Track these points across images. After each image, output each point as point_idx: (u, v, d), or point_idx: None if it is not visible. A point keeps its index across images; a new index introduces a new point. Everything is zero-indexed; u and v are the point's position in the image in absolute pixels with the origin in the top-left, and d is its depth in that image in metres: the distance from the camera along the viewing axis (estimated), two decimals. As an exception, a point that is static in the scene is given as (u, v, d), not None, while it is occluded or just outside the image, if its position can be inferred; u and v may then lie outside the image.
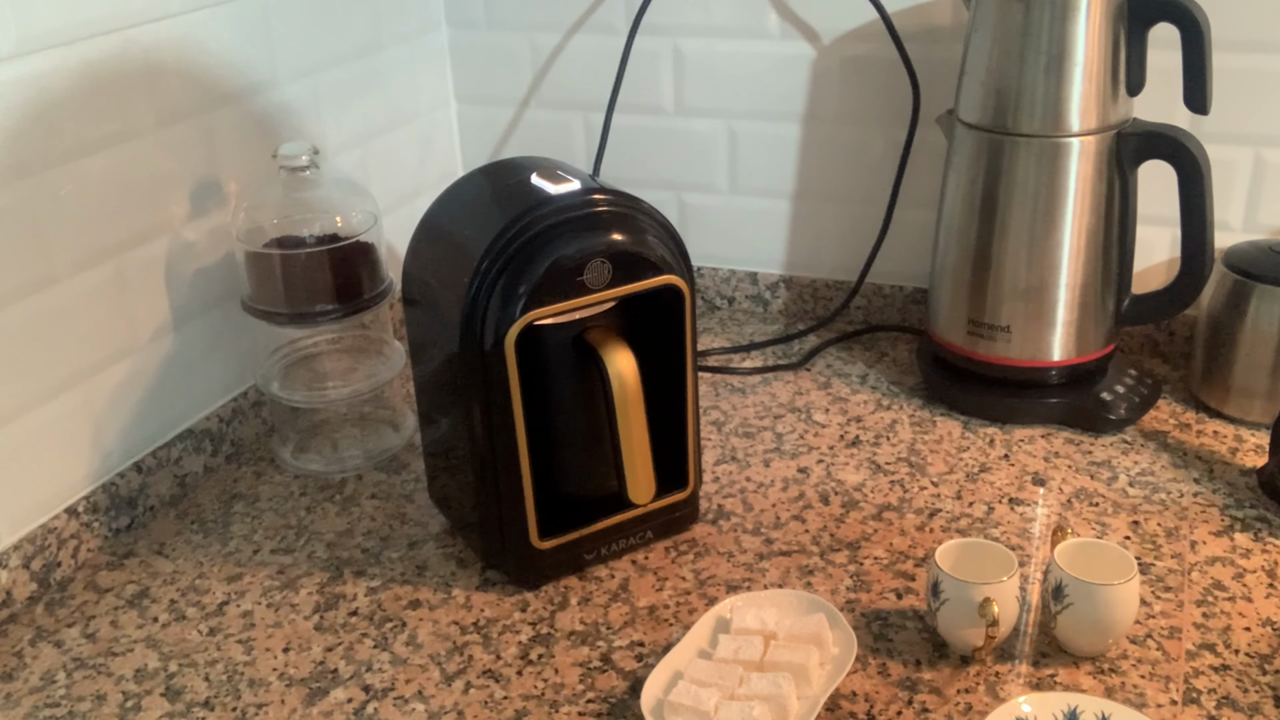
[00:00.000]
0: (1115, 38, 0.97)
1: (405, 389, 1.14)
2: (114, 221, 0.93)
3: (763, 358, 1.23)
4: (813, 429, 1.08)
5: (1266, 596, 0.84)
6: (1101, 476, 0.99)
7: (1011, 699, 0.74)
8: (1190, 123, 1.06)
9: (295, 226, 0.99)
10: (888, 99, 1.20)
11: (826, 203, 1.27)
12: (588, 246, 0.80)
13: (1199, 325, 1.08)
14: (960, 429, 1.07)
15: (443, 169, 1.37)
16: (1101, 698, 0.72)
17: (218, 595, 0.89)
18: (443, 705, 0.77)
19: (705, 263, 1.34)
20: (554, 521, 0.87)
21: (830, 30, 1.19)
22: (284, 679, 0.80)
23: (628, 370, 0.83)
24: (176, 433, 1.02)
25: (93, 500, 0.94)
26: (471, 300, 0.80)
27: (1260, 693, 0.75)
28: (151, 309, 0.99)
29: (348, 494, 1.02)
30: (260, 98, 1.07)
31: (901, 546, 0.91)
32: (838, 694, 0.76)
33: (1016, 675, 0.77)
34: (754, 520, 0.95)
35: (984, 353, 1.06)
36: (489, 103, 1.36)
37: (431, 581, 0.90)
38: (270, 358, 1.07)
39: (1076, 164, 0.99)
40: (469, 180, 0.90)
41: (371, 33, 1.21)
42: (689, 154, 1.30)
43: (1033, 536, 0.91)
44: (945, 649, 0.80)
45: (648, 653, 0.81)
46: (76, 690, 0.80)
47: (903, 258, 1.25)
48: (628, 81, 1.27)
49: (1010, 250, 1.03)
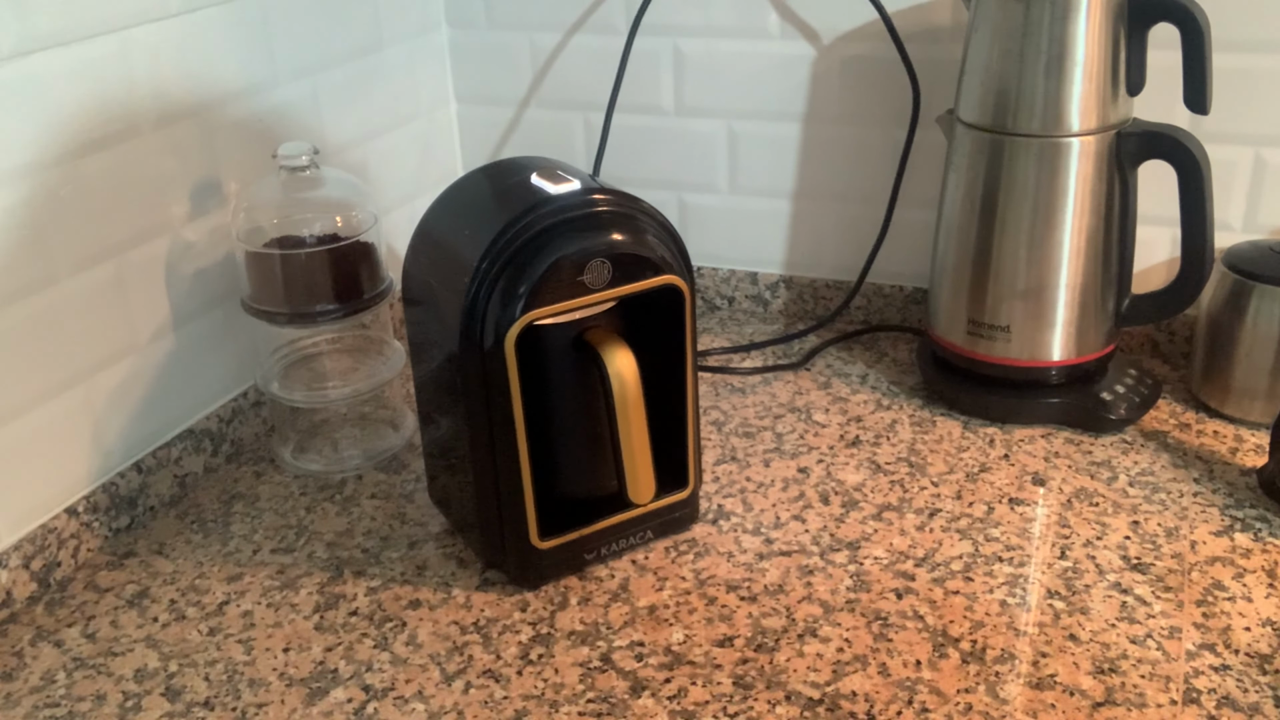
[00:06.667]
0: (1115, 38, 0.97)
1: (405, 389, 1.14)
2: (114, 221, 0.94)
3: (763, 358, 1.23)
4: (813, 429, 1.08)
5: (1266, 596, 0.84)
6: (1101, 476, 0.99)
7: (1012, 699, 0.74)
8: (1190, 123, 1.06)
9: (295, 226, 0.99)
10: (888, 99, 1.20)
11: (826, 203, 1.27)
12: (588, 246, 0.80)
13: (1199, 325, 1.08)
14: (960, 429, 1.07)
15: (443, 169, 1.37)
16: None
17: (218, 595, 0.89)
18: (443, 705, 0.77)
19: (705, 263, 1.34)
20: (554, 521, 0.87)
21: (830, 30, 1.19)
22: (284, 679, 0.80)
23: (628, 370, 0.83)
24: (176, 433, 1.02)
25: (93, 500, 0.94)
26: (471, 300, 0.80)
27: (1260, 693, 0.75)
28: (151, 309, 0.99)
29: (348, 494, 1.02)
30: (260, 98, 1.07)
31: (901, 546, 0.91)
32: (838, 694, 0.76)
33: (1016, 675, 0.77)
34: (754, 520, 0.95)
35: (984, 353, 1.06)
36: (489, 103, 1.36)
37: (431, 581, 0.90)
38: (270, 358, 1.07)
39: (1076, 164, 0.99)
40: (469, 180, 0.90)
41: (371, 33, 1.21)
42: (689, 154, 1.30)
43: (1032, 536, 0.91)
44: (945, 649, 0.80)
45: (648, 653, 0.81)
46: (76, 690, 0.80)
47: (903, 258, 1.25)
48: (628, 81, 1.28)
49: (1010, 250, 1.03)
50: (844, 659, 0.79)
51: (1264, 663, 0.78)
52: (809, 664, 0.79)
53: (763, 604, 0.85)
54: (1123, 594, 0.85)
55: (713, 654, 0.81)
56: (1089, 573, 0.87)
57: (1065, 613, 0.83)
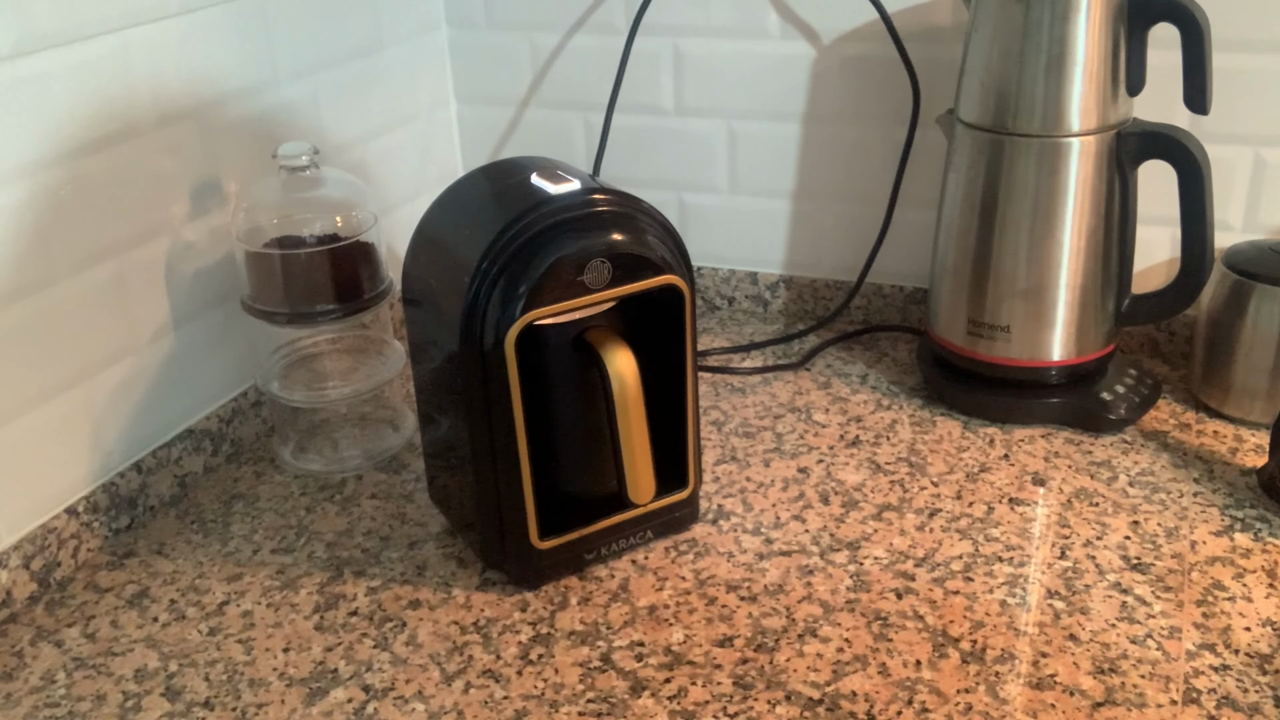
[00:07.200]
0: (1115, 38, 0.97)
1: (405, 389, 1.14)
2: (114, 221, 0.93)
3: (763, 358, 1.23)
4: (813, 429, 1.08)
5: (1266, 596, 0.84)
6: (1101, 476, 0.99)
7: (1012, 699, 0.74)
8: (1190, 123, 1.06)
9: (295, 226, 0.99)
10: (888, 99, 1.20)
11: (826, 203, 1.27)
12: (588, 246, 0.80)
13: (1199, 325, 1.08)
14: (960, 429, 1.07)
15: (443, 169, 1.37)
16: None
17: (218, 595, 0.89)
18: (443, 705, 0.77)
19: (705, 263, 1.34)
20: (554, 521, 0.87)
21: (830, 30, 1.19)
22: (284, 679, 0.80)
23: (628, 370, 0.83)
24: (176, 433, 1.02)
25: (93, 500, 0.94)
26: (471, 300, 0.80)
27: (1260, 693, 0.75)
28: (151, 309, 0.99)
29: (348, 494, 1.02)
30: (260, 98, 1.07)
31: (901, 546, 0.91)
32: (838, 694, 0.76)
33: (1016, 675, 0.77)
34: (754, 520, 0.95)
35: (984, 352, 1.06)
36: (489, 103, 1.36)
37: (431, 581, 0.90)
38: (270, 358, 1.07)
39: (1076, 164, 0.99)
40: (469, 180, 0.90)
41: (371, 33, 1.21)
42: (689, 154, 1.30)
43: (1032, 536, 0.91)
44: (945, 649, 0.80)
45: (648, 653, 0.81)
46: (76, 690, 0.80)
47: (903, 258, 1.25)
48: (628, 81, 1.27)
49: (1010, 250, 1.03)
50: (844, 659, 0.80)
51: (1264, 663, 0.78)
52: (809, 664, 0.79)
53: (763, 604, 0.85)
54: (1123, 594, 0.85)
55: (713, 654, 0.81)
56: (1089, 573, 0.87)
57: (1065, 613, 0.83)
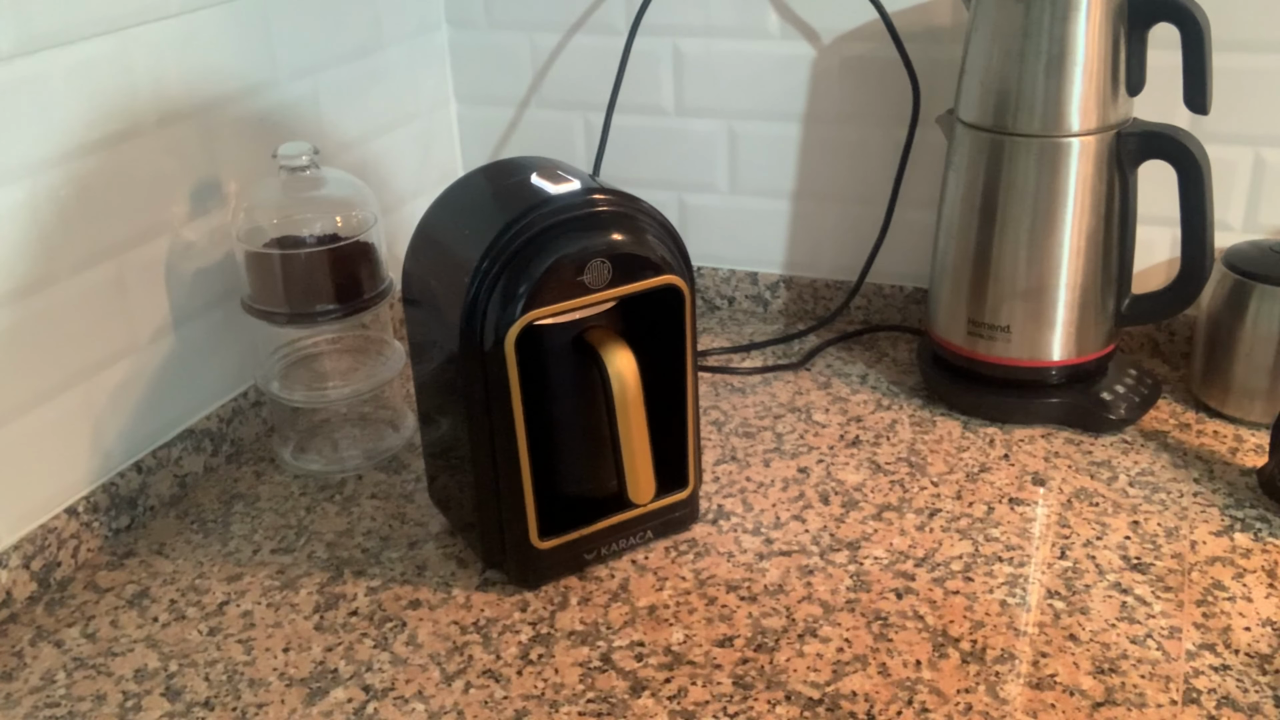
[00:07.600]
0: (1115, 38, 0.97)
1: (405, 389, 1.14)
2: (114, 221, 0.93)
3: (763, 358, 1.23)
4: (813, 429, 1.08)
5: (1266, 596, 0.84)
6: (1101, 476, 0.99)
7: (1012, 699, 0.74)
8: (1190, 123, 1.06)
9: (295, 226, 0.99)
10: (888, 99, 1.20)
11: (826, 203, 1.27)
12: (588, 246, 0.80)
13: (1199, 325, 1.08)
14: (960, 429, 1.07)
15: (443, 169, 1.37)
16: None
17: (218, 595, 0.89)
18: (443, 705, 0.77)
19: (705, 263, 1.34)
20: (554, 521, 0.87)
21: (830, 30, 1.19)
22: (284, 679, 0.80)
23: (628, 370, 0.83)
24: (176, 433, 1.02)
25: (93, 500, 0.94)
26: (471, 300, 0.80)
27: (1260, 693, 0.75)
28: (151, 309, 0.99)
29: (348, 494, 1.02)
30: (260, 98, 1.07)
31: (901, 546, 0.91)
32: (838, 694, 0.76)
33: (1016, 675, 0.77)
34: (754, 520, 0.95)
35: (984, 352, 1.06)
36: (489, 103, 1.36)
37: (431, 581, 0.90)
38: (270, 358, 1.07)
39: (1076, 164, 0.99)
40: (469, 180, 0.90)
41: (371, 33, 1.21)
42: (689, 154, 1.30)
43: (1032, 536, 0.91)
44: (945, 649, 0.80)
45: (648, 653, 0.81)
46: (76, 690, 0.80)
47: (903, 258, 1.25)
48: (628, 81, 1.27)
49: (1010, 250, 1.03)
50: (844, 659, 0.80)
51: (1264, 663, 0.78)
52: (809, 664, 0.79)
53: (763, 604, 0.85)
54: (1123, 594, 0.85)
55: (713, 654, 0.81)
56: (1089, 573, 0.87)
57: (1065, 613, 0.83)
